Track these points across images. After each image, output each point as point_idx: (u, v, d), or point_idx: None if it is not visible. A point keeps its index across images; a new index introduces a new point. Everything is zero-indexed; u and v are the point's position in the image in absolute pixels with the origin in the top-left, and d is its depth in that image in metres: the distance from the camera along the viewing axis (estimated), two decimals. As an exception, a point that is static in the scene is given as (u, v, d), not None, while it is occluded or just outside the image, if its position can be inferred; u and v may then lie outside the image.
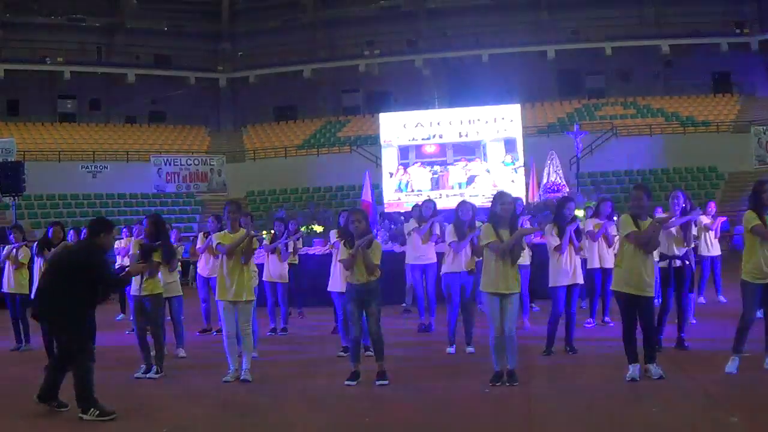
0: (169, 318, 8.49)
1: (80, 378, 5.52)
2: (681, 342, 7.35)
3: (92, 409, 5.43)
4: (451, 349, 7.73)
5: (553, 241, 7.37)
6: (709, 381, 5.98)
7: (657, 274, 7.07)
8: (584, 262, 9.08)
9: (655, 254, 6.69)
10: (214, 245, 7.22)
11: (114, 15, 35.34)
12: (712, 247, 10.49)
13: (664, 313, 7.35)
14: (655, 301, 6.64)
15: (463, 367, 6.35)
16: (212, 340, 9.00)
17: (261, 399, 6.15)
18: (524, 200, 20.02)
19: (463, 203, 7.88)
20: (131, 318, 7.51)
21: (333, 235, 8.67)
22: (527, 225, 9.19)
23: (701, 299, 10.73)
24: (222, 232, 6.97)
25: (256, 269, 8.25)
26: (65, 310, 5.51)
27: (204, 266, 9.84)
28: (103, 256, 5.87)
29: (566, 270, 7.33)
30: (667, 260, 7.29)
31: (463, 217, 7.68)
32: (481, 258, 6.62)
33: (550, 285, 7.41)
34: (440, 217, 9.28)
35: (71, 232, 9.62)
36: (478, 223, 7.84)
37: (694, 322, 8.90)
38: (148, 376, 6.98)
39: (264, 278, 9.64)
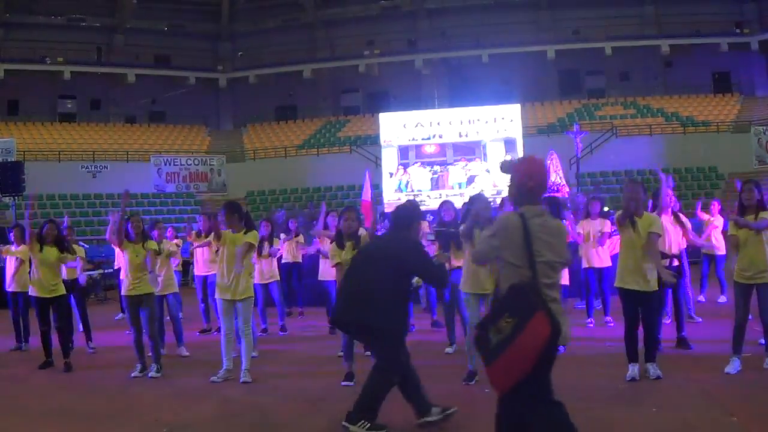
0: (167, 317, 8.51)
1: (373, 387, 4.88)
2: (683, 341, 7.35)
3: (363, 421, 4.80)
4: (450, 350, 7.74)
5: None
6: (709, 381, 5.97)
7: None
8: (579, 261, 9.11)
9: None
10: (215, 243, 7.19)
11: (114, 15, 35.34)
12: (714, 246, 10.51)
13: (658, 309, 7.36)
14: None
15: (462, 367, 6.34)
16: (212, 340, 8.99)
17: (261, 399, 6.14)
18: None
19: (444, 203, 7.93)
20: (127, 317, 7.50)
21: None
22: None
23: (701, 298, 10.74)
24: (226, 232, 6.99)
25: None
26: (383, 313, 4.75)
27: (201, 266, 9.84)
28: (423, 247, 5.16)
29: None
30: (666, 260, 7.29)
31: (445, 218, 7.70)
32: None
33: None
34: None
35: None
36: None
37: (700, 320, 8.91)
38: (150, 375, 6.97)
39: (256, 280, 9.67)
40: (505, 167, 3.61)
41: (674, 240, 7.60)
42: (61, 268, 8.08)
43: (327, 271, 8.91)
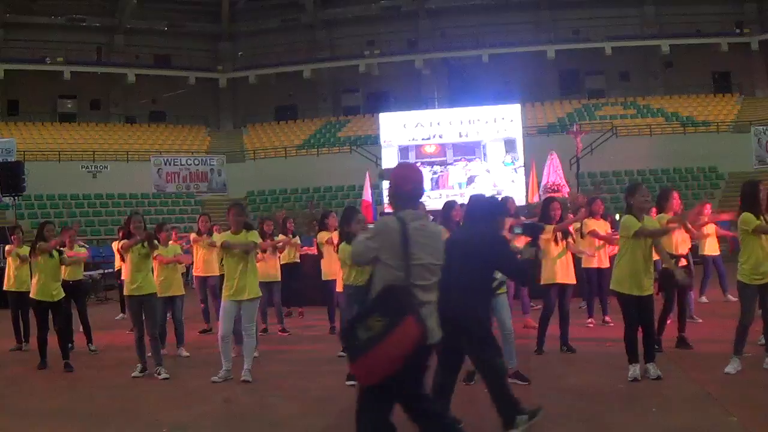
0: (170, 317, 8.51)
1: (495, 384, 4.66)
2: (683, 341, 7.35)
3: (519, 417, 4.60)
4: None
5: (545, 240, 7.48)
6: (709, 381, 5.97)
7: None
8: (578, 261, 9.11)
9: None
10: (218, 243, 7.17)
11: (114, 15, 35.36)
12: (707, 245, 10.50)
13: (666, 313, 7.36)
14: None
15: (462, 367, 6.34)
16: (212, 340, 8.99)
17: (261, 399, 6.14)
18: (525, 200, 20.08)
19: (450, 203, 7.95)
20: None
21: (322, 236, 8.90)
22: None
23: (703, 299, 10.74)
24: (226, 233, 7.02)
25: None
26: (466, 308, 4.57)
27: (200, 266, 9.84)
28: (505, 240, 5.03)
29: (557, 268, 7.39)
30: (674, 260, 7.27)
31: (455, 217, 7.72)
32: None
33: (541, 282, 7.49)
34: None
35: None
36: None
37: (700, 321, 8.91)
38: (162, 377, 6.95)
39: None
40: (383, 174, 3.77)
41: (681, 241, 7.61)
42: (61, 270, 8.07)
43: (329, 271, 8.91)
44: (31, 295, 7.86)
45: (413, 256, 3.50)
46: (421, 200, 3.73)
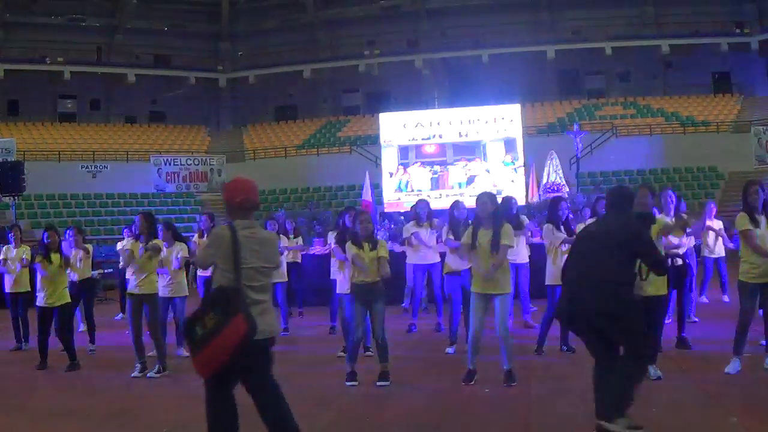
0: (172, 317, 8.51)
1: (627, 378, 4.51)
2: (683, 341, 7.34)
3: (622, 419, 4.42)
4: (451, 350, 7.74)
5: (555, 240, 7.42)
6: (709, 381, 5.97)
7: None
8: None
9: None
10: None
11: (114, 15, 35.35)
12: (714, 247, 10.46)
13: (663, 312, 7.36)
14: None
15: (463, 367, 6.34)
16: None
17: (261, 399, 6.14)
18: (525, 200, 20.09)
19: (456, 203, 7.96)
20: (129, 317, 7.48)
21: (331, 236, 8.80)
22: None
23: (703, 299, 10.73)
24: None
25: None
26: (621, 299, 4.46)
27: (202, 267, 9.84)
28: (647, 231, 5.03)
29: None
30: (668, 259, 7.26)
31: (458, 216, 7.73)
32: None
33: (546, 283, 7.45)
34: (441, 219, 9.29)
35: (67, 231, 9.54)
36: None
37: (697, 320, 8.89)
38: (149, 375, 6.97)
39: None
40: (218, 187, 4.06)
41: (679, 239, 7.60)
42: (65, 275, 8.06)
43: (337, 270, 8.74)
44: (36, 303, 7.85)
45: (244, 261, 3.93)
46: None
